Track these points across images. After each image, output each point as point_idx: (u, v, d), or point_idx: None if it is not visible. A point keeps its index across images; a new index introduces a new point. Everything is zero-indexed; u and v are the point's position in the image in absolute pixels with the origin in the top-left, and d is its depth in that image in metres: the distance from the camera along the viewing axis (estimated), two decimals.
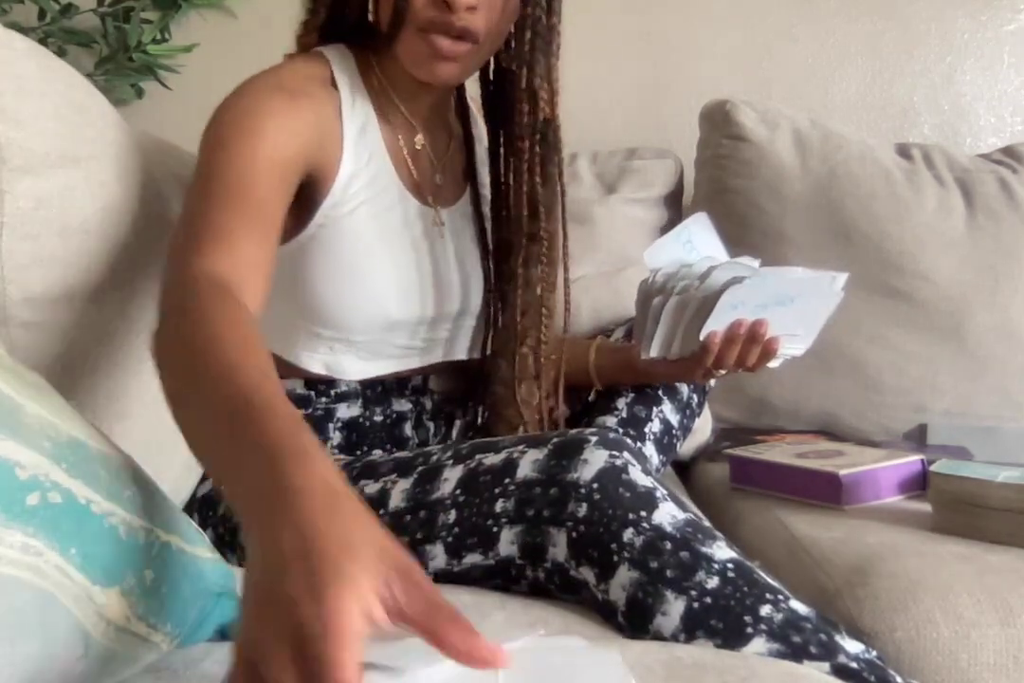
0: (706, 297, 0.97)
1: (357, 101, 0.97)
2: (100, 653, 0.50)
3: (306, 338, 0.97)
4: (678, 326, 0.99)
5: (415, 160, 1.02)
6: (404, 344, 1.00)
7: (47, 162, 0.74)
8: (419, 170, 1.02)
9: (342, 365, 0.98)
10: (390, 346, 1.00)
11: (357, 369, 0.99)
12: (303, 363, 0.97)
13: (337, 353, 0.97)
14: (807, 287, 1.00)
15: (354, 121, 0.96)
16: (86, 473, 0.52)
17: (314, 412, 0.99)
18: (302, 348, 0.97)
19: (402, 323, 0.98)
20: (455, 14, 0.87)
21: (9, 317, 0.72)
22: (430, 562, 0.82)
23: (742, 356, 0.99)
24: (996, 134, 1.80)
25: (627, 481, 0.76)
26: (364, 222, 0.95)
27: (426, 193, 1.02)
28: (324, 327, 0.96)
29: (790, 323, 1.01)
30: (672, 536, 0.73)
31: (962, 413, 1.45)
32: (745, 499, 1.15)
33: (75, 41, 1.62)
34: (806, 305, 1.01)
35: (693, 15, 1.76)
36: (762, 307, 0.98)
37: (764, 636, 0.69)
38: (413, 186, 1.01)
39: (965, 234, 1.47)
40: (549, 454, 0.79)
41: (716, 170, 1.53)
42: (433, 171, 1.04)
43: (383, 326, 0.97)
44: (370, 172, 0.96)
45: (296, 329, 0.96)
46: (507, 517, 0.78)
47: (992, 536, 0.93)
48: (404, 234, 0.99)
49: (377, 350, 0.99)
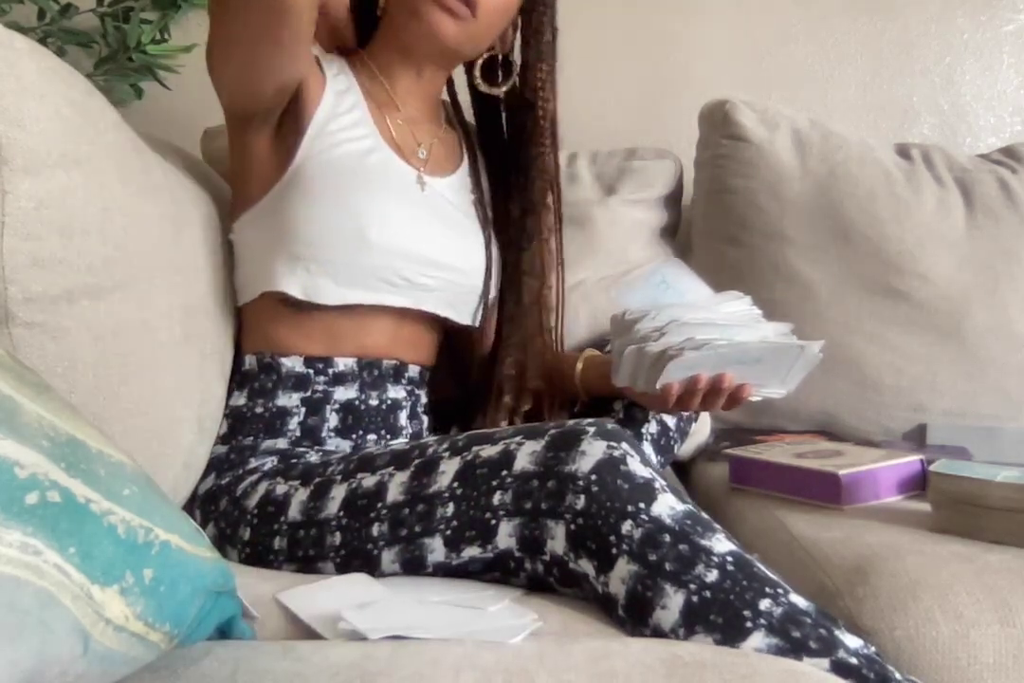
0: (660, 353, 0.94)
1: (340, 77, 1.08)
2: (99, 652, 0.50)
3: (284, 261, 0.99)
4: (639, 370, 0.97)
5: (397, 129, 1.09)
6: (381, 276, 1.01)
7: (48, 162, 0.74)
8: (401, 138, 1.09)
9: (319, 288, 1.00)
10: (366, 274, 1.01)
11: (334, 293, 1.00)
12: (283, 287, 1.00)
13: (314, 275, 0.99)
14: (773, 353, 0.97)
15: (336, 83, 1.07)
16: (85, 472, 0.52)
17: (313, 394, 1.01)
18: (281, 273, 1.00)
19: (376, 247, 1.00)
20: None
21: (10, 317, 0.72)
22: (429, 555, 0.82)
23: (707, 403, 0.98)
24: (995, 134, 1.80)
25: (625, 472, 0.77)
26: (343, 157, 1.02)
27: (408, 156, 1.08)
28: (301, 245, 0.99)
29: (758, 377, 0.98)
30: (671, 528, 0.74)
31: (961, 413, 1.45)
32: (745, 499, 1.15)
33: (75, 41, 1.62)
34: (777, 365, 0.98)
35: (693, 15, 1.76)
36: (722, 366, 0.95)
37: (763, 630, 0.70)
38: (394, 146, 1.07)
39: (964, 234, 1.47)
40: (547, 446, 0.79)
41: (716, 170, 1.53)
42: (416, 145, 1.10)
43: (358, 246, 0.99)
44: (351, 119, 1.05)
45: (275, 254, 1.00)
46: (505, 510, 0.79)
47: (992, 536, 0.93)
48: (383, 177, 1.04)
49: (353, 276, 1.00)
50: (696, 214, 1.59)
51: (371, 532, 0.83)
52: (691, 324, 0.95)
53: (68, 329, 0.77)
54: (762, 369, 0.98)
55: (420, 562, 0.82)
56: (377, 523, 0.83)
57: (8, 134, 0.71)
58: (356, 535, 0.84)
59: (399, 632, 0.65)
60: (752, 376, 0.97)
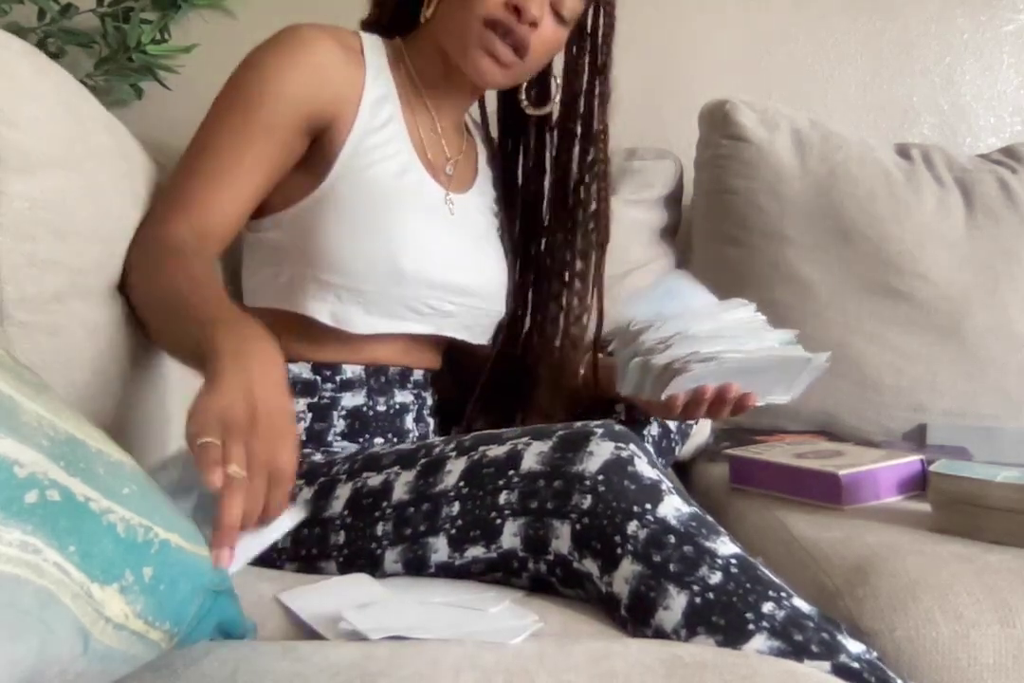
0: (665, 366, 0.94)
1: (381, 77, 1.03)
2: (99, 651, 0.50)
3: (315, 287, 0.97)
4: (644, 381, 0.97)
5: (429, 143, 1.06)
6: (410, 306, 1.00)
7: (42, 163, 0.74)
8: (433, 152, 1.06)
9: (349, 316, 0.97)
10: (396, 304, 0.99)
11: (362, 322, 0.98)
12: (311, 312, 0.97)
13: (344, 303, 0.97)
14: (779, 364, 0.97)
15: (374, 89, 1.02)
16: (84, 471, 0.52)
17: (320, 400, 1.00)
18: (311, 297, 0.97)
19: (410, 278, 0.98)
20: (521, 24, 0.96)
21: (5, 316, 0.72)
22: (432, 555, 0.82)
23: (712, 412, 0.98)
24: (995, 134, 1.80)
25: (632, 473, 0.76)
26: (378, 179, 0.98)
27: (438, 173, 1.06)
28: (333, 273, 0.96)
29: (763, 385, 0.98)
30: (676, 530, 0.74)
31: (961, 413, 1.45)
32: (745, 499, 1.15)
33: (75, 41, 1.62)
34: (782, 374, 0.98)
35: (693, 15, 1.76)
36: (728, 377, 0.95)
37: (765, 633, 0.69)
38: (426, 162, 1.04)
39: (964, 234, 1.47)
40: (554, 446, 0.79)
41: (716, 170, 1.53)
42: (445, 160, 1.08)
43: (391, 277, 0.97)
44: (385, 135, 1.01)
45: (305, 279, 0.97)
46: (510, 509, 0.79)
47: (992, 536, 0.93)
48: (415, 200, 1.01)
49: (383, 306, 0.99)
50: (696, 214, 1.59)
51: (375, 531, 0.83)
52: (697, 337, 0.94)
53: (63, 327, 0.77)
54: (768, 378, 0.98)
55: (423, 562, 0.82)
56: (382, 522, 0.83)
57: (4, 133, 0.71)
58: (360, 534, 0.84)
59: (400, 632, 0.65)
60: (757, 385, 0.97)
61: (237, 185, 0.93)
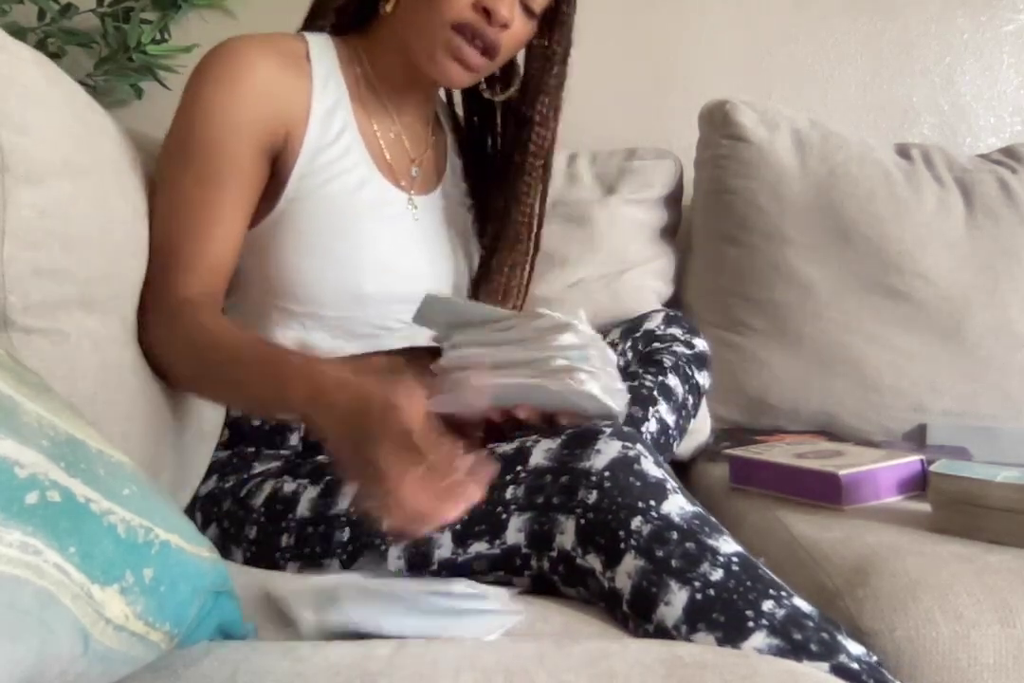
0: None
1: (330, 84, 1.00)
2: (99, 651, 0.50)
3: (278, 316, 0.97)
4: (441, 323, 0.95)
5: (389, 146, 1.04)
6: (376, 323, 1.00)
7: (50, 171, 0.73)
8: (393, 156, 1.04)
9: (314, 341, 0.97)
10: (362, 324, 0.99)
11: (329, 347, 0.98)
12: (277, 337, 0.97)
13: (309, 330, 0.98)
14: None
15: (323, 100, 0.98)
16: (85, 472, 0.52)
17: None
18: (275, 325, 0.98)
19: (372, 298, 0.98)
20: (491, 26, 0.93)
21: (9, 323, 0.72)
22: (436, 551, 0.82)
23: None
24: (995, 134, 1.80)
25: (638, 471, 0.77)
26: (335, 197, 0.97)
27: (399, 177, 1.04)
28: (295, 302, 0.96)
29: None
30: (679, 526, 0.74)
31: (961, 413, 1.45)
32: (745, 499, 1.15)
33: (75, 41, 1.62)
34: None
35: (693, 15, 1.76)
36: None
37: (765, 631, 0.70)
38: (386, 169, 1.03)
39: (964, 234, 1.47)
40: (563, 444, 0.80)
41: (716, 170, 1.53)
42: (409, 162, 1.06)
43: (352, 300, 0.97)
44: (339, 149, 0.98)
45: (268, 307, 0.97)
46: (516, 504, 0.79)
47: (992, 536, 0.93)
48: (375, 212, 1.00)
49: (349, 328, 0.99)
50: (696, 214, 1.59)
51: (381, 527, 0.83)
52: None
53: (67, 335, 0.76)
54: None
55: (426, 558, 0.82)
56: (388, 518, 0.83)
57: (11, 140, 0.70)
58: (365, 530, 0.84)
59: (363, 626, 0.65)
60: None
61: (224, 228, 0.91)
